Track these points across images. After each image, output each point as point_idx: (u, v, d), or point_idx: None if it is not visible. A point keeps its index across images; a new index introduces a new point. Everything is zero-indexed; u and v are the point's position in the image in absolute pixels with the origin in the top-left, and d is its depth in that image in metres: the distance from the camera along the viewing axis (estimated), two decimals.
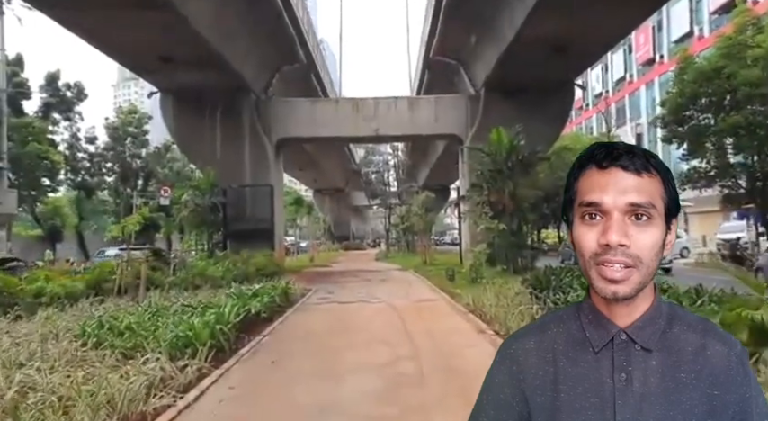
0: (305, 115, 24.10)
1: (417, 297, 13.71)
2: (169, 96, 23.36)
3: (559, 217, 7.85)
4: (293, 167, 47.39)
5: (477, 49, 22.48)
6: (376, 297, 13.72)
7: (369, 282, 19.05)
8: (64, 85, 36.47)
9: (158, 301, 11.36)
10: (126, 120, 41.00)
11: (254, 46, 21.39)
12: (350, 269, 26.81)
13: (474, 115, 23.76)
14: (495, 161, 18.66)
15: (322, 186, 61.35)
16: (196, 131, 23.33)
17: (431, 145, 40.75)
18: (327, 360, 6.65)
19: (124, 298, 11.75)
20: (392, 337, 8.07)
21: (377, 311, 11.17)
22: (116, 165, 41.88)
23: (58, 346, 6.39)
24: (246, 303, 9.06)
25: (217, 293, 12.01)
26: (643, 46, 47.07)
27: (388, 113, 24.26)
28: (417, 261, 29.82)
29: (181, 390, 5.25)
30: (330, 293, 15.07)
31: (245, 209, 23.56)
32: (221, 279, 14.28)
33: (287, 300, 12.54)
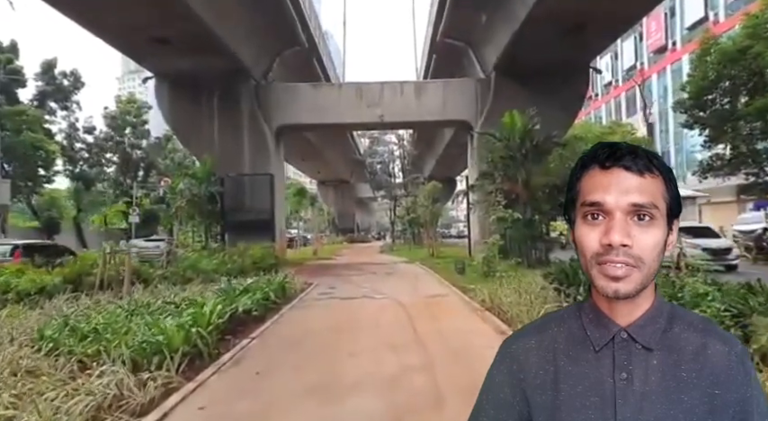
0: (306, 101, 22.96)
1: (426, 292, 12.64)
2: (165, 82, 22.30)
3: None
4: (296, 158, 46.39)
5: (487, 30, 21.27)
6: (381, 292, 12.66)
7: (374, 275, 17.99)
8: (60, 74, 35.50)
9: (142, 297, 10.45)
10: (125, 109, 39.99)
11: (252, 27, 20.27)
12: (354, 262, 25.77)
13: (484, 100, 22.57)
14: (509, 147, 17.52)
15: (326, 178, 60.47)
16: (193, 118, 22.29)
17: (437, 134, 39.63)
18: (323, 371, 5.59)
19: (107, 293, 10.77)
20: (400, 341, 7.00)
21: (382, 309, 10.10)
22: (116, 156, 41.05)
23: (5, 353, 5.37)
24: (234, 300, 8.01)
25: (208, 288, 10.99)
26: (655, 33, 45.85)
27: (393, 99, 23.08)
28: (424, 253, 28.82)
29: (137, 413, 4.21)
30: (332, 288, 14.02)
31: (244, 199, 22.53)
32: (214, 272, 13.25)
33: (284, 296, 11.50)
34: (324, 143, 39.47)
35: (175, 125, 23.05)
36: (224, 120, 22.32)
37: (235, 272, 14.03)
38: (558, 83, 21.36)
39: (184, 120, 22.46)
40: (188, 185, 21.27)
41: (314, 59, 26.34)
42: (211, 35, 17.60)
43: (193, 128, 22.41)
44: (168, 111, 22.59)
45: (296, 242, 39.25)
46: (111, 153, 40.96)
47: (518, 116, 17.47)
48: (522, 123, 17.41)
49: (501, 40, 20.47)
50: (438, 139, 40.98)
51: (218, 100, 22.33)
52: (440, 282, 14.68)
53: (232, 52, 19.50)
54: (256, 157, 22.42)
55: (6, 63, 32.02)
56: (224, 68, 20.97)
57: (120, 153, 40.76)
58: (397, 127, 30.52)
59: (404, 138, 43.25)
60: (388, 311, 9.74)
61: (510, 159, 17.65)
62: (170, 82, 22.13)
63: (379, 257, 29.94)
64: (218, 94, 22.30)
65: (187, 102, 22.20)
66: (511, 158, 17.64)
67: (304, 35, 23.11)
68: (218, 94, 22.28)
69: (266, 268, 15.30)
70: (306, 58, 25.57)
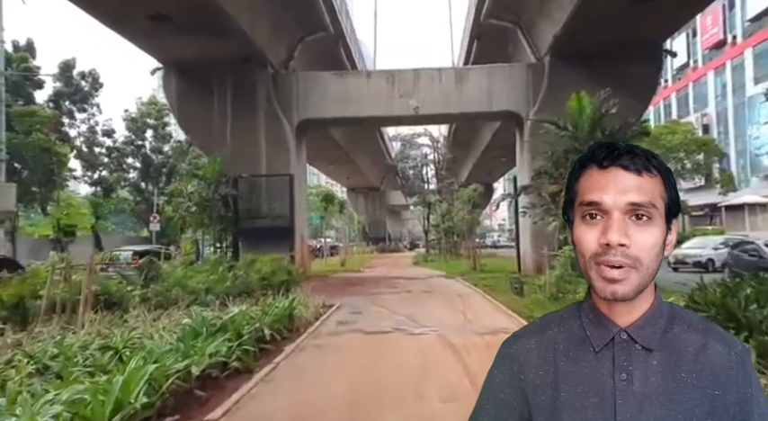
0: (331, 92, 20.07)
1: (481, 322, 9.44)
2: (171, 71, 19.84)
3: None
4: (323, 162, 43.93)
5: (542, 5, 18.07)
6: (420, 321, 9.53)
7: (409, 294, 14.86)
8: (78, 74, 33.81)
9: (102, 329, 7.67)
10: (146, 111, 38.14)
11: (267, 6, 17.60)
12: (385, 275, 22.69)
13: (537, 88, 19.30)
14: (576, 137, 14.23)
15: (356, 185, 58.07)
16: (203, 112, 19.74)
17: (475, 136, 36.44)
18: None
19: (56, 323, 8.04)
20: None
21: (425, 355, 6.97)
22: (137, 161, 39.30)
23: None
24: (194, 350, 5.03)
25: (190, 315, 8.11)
26: (710, 28, 42.28)
27: (430, 88, 19.98)
28: (463, 266, 25.54)
29: None
30: (356, 312, 10.98)
31: (261, 203, 19.79)
32: (208, 292, 10.38)
33: (291, 326, 8.55)
34: (353, 145, 36.67)
35: (183, 119, 20.53)
36: (238, 114, 19.69)
37: (236, 290, 11.14)
38: (625, 66, 17.97)
39: (194, 113, 19.93)
40: (197, 188, 18.69)
41: (340, 47, 23.49)
42: (217, 10, 14.96)
43: (204, 123, 19.85)
44: (176, 104, 20.12)
45: (323, 251, 36.44)
46: (132, 158, 39.26)
47: (587, 99, 14.19)
48: (593, 108, 14.12)
49: (559, 15, 17.26)
50: (476, 141, 37.84)
51: (232, 91, 19.73)
52: (495, 307, 11.43)
53: (244, 34, 16.84)
54: (274, 156, 19.68)
55: (21, 61, 30.40)
56: (236, 54, 18.36)
57: (141, 157, 39.00)
58: (435, 121, 26.97)
59: (438, 141, 40.26)
60: (433, 361, 6.59)
61: (577, 153, 14.35)
62: (177, 71, 19.65)
63: (413, 270, 26.77)
64: (231, 85, 19.70)
65: (196, 93, 19.67)
66: (577, 152, 14.34)
67: (329, 17, 20.32)
68: (231, 84, 19.68)
69: (277, 285, 12.40)
70: (331, 46, 22.75)
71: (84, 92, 33.77)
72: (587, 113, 14.03)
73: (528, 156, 19.12)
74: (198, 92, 19.75)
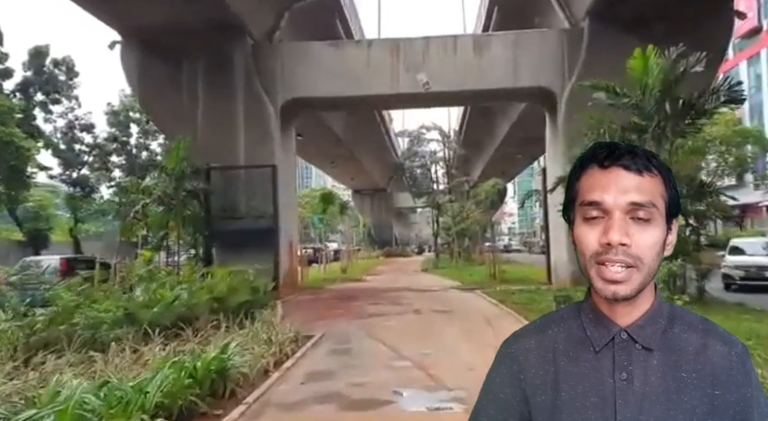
0: (324, 65, 16.55)
1: None
2: (133, 44, 16.50)
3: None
4: (324, 161, 40.68)
5: None
6: (437, 375, 6.03)
7: (418, 316, 11.33)
8: (51, 62, 30.64)
9: None
10: (129, 104, 34.94)
11: None
12: (390, 286, 19.18)
13: (573, 59, 15.76)
14: (640, 108, 10.68)
15: (361, 186, 54.87)
16: (169, 91, 16.40)
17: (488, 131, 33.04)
18: None
19: None
20: None
21: None
22: (122, 159, 36.18)
23: None
24: None
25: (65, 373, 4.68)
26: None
27: (443, 60, 16.41)
28: (480, 274, 22.04)
29: None
30: (340, 354, 7.50)
31: (238, 200, 16.38)
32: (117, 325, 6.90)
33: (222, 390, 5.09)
34: (355, 140, 33.23)
35: (147, 102, 17.22)
36: (211, 94, 16.31)
37: (168, 320, 7.67)
38: (689, 29, 14.40)
39: (159, 94, 16.56)
40: (159, 182, 15.31)
41: (336, 19, 20.00)
42: None
43: (171, 105, 16.49)
44: (138, 83, 16.76)
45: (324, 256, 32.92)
46: (116, 155, 36.13)
47: (654, 58, 10.63)
48: (661, 69, 10.56)
49: None
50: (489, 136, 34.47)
51: (204, 66, 16.38)
52: None
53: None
54: (255, 144, 16.24)
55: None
56: (209, 22, 15.01)
57: (125, 155, 35.86)
58: (448, 101, 22.85)
59: (449, 136, 36.82)
60: None
61: (638, 131, 10.81)
62: (139, 44, 16.30)
63: (423, 279, 23.23)
64: (204, 59, 16.34)
65: (162, 70, 16.32)
66: (640, 131, 10.80)
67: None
68: (204, 58, 16.33)
69: (236, 308, 8.93)
70: (325, 16, 19.28)
71: (57, 81, 30.61)
72: (655, 75, 10.47)
73: (562, 143, 15.59)
74: (164, 68, 16.40)
